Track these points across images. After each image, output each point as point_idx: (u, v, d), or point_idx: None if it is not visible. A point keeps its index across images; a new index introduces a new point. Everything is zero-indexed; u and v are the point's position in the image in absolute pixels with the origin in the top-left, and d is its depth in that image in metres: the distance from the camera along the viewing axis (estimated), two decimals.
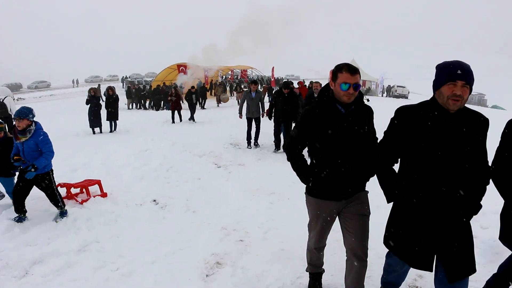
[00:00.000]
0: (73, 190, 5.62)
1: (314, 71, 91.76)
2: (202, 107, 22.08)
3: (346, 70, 2.44)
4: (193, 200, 5.60)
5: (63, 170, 6.93)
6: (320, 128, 2.55)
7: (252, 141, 9.54)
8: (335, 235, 3.14)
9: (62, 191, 5.30)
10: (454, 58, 2.30)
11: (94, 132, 12.30)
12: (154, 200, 5.52)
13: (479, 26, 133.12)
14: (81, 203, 5.25)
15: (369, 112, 2.69)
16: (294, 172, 2.77)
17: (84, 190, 5.60)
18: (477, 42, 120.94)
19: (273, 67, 38.27)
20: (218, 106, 24.13)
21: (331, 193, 2.64)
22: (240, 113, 9.91)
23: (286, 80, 9.55)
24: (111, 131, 12.51)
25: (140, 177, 6.65)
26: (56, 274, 3.49)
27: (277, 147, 9.07)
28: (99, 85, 32.67)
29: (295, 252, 3.91)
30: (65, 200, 4.98)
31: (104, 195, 5.60)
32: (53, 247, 3.94)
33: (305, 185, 2.78)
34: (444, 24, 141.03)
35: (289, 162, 2.81)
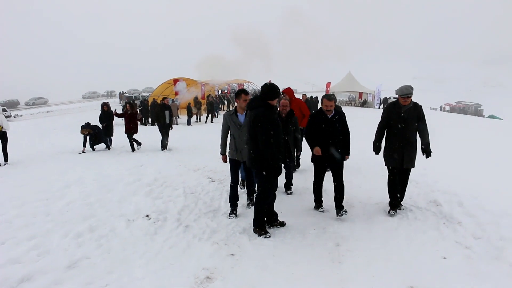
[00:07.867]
0: None
1: (311, 84, 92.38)
2: (197, 121, 23.65)
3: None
4: (185, 214, 5.57)
5: (57, 186, 6.94)
6: None
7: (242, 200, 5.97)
8: None
9: None
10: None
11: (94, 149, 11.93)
12: (147, 216, 5.48)
13: (474, 37, 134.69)
14: None
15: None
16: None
17: None
18: (473, 54, 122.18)
19: (269, 81, 38.41)
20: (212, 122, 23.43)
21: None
22: (223, 152, 5.54)
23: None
24: (106, 147, 12.34)
25: (132, 192, 6.61)
26: None
27: (269, 222, 4.95)
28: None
29: (286, 265, 3.89)
30: None
31: None
32: (41, 264, 3.89)
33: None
34: (440, 36, 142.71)
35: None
